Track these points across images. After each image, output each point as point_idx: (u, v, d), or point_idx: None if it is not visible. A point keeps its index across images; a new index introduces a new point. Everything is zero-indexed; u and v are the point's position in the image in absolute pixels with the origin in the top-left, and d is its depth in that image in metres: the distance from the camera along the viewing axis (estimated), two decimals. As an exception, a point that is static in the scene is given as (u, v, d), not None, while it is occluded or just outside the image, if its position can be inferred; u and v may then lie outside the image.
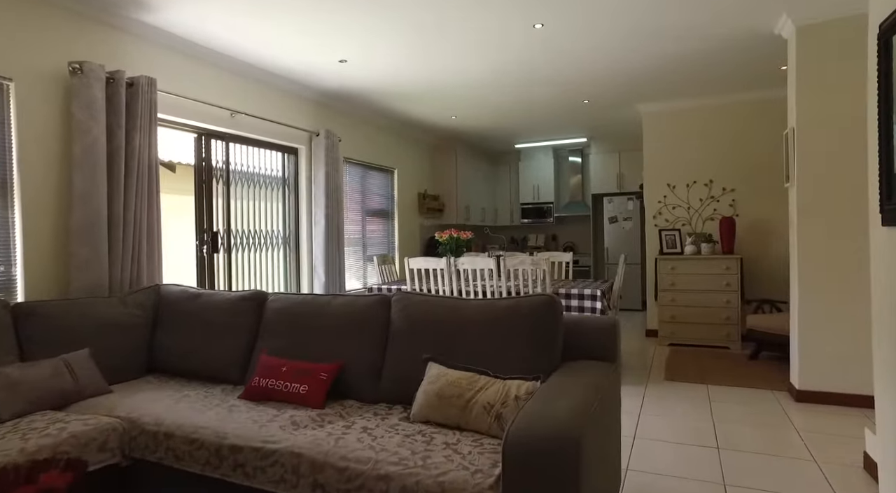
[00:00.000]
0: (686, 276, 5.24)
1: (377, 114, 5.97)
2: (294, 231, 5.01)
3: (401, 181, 6.68)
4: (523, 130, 7.10)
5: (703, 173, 5.59)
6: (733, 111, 5.45)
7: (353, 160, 5.77)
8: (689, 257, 5.24)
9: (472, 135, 7.34)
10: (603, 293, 3.92)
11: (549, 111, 5.99)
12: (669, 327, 5.32)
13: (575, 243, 8.71)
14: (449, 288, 4.32)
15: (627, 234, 7.86)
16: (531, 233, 9.02)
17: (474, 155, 8.20)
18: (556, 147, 8.43)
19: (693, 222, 5.63)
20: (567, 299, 4.02)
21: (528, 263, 4.01)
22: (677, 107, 5.66)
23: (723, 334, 5.10)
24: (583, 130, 7.09)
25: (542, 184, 8.55)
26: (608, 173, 8.04)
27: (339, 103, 5.38)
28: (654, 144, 5.82)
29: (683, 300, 5.26)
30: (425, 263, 4.40)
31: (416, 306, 2.33)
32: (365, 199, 6.10)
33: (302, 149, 5.00)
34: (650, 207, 5.83)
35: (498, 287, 4.14)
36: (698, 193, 5.61)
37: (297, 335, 2.51)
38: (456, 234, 4.82)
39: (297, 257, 5.02)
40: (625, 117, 6.31)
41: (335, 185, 5.10)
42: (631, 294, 7.76)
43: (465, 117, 6.28)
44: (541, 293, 2.16)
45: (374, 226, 6.31)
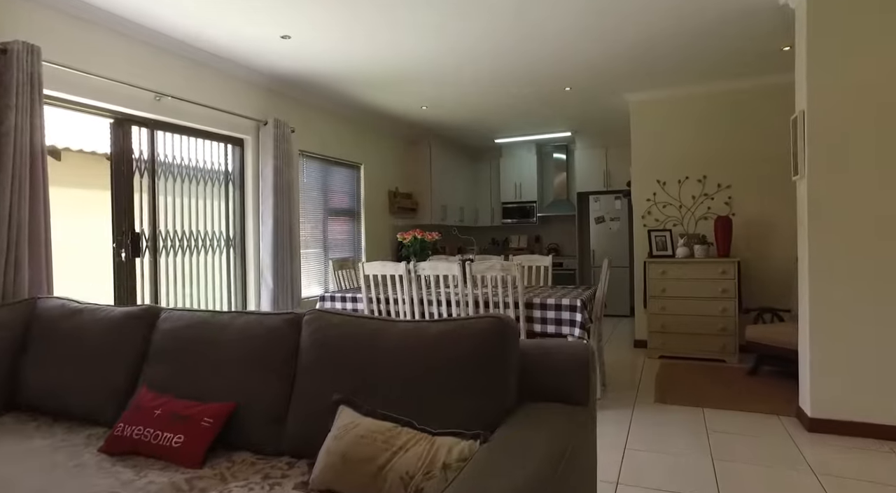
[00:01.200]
0: (678, 281, 4.74)
1: (338, 103, 5.42)
2: (240, 232, 4.45)
3: (368, 178, 6.13)
4: (503, 124, 6.59)
5: (695, 168, 5.10)
6: (729, 99, 4.96)
7: (311, 154, 5.22)
8: (682, 260, 4.74)
9: (448, 128, 6.81)
10: (583, 303, 3.40)
11: (529, 101, 5.48)
12: (660, 337, 4.82)
13: (559, 245, 8.20)
14: (408, 296, 3.79)
15: (615, 235, 7.37)
16: (513, 234, 8.50)
17: (451, 151, 7.67)
18: (539, 142, 7.92)
19: (685, 222, 5.14)
20: (542, 310, 3.50)
21: (498, 268, 3.49)
22: (667, 95, 5.17)
23: (718, 345, 4.60)
24: (567, 123, 6.58)
25: (524, 182, 8.04)
26: (594, 170, 7.55)
27: (292, 90, 4.83)
28: (642, 136, 5.32)
29: (675, 308, 4.75)
30: (382, 268, 3.86)
31: (331, 328, 1.79)
32: (327, 197, 5.55)
33: (248, 140, 4.45)
34: (639, 205, 5.34)
35: (464, 295, 3.61)
36: (691, 190, 5.12)
37: (187, 365, 1.96)
38: (420, 235, 4.29)
39: (244, 261, 4.46)
40: (611, 108, 5.81)
41: (287, 180, 4.55)
42: (618, 299, 7.27)
43: (438, 108, 5.75)
44: (487, 315, 1.62)
45: (338, 227, 5.76)
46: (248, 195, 4.46)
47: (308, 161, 5.23)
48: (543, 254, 8.02)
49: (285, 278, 4.51)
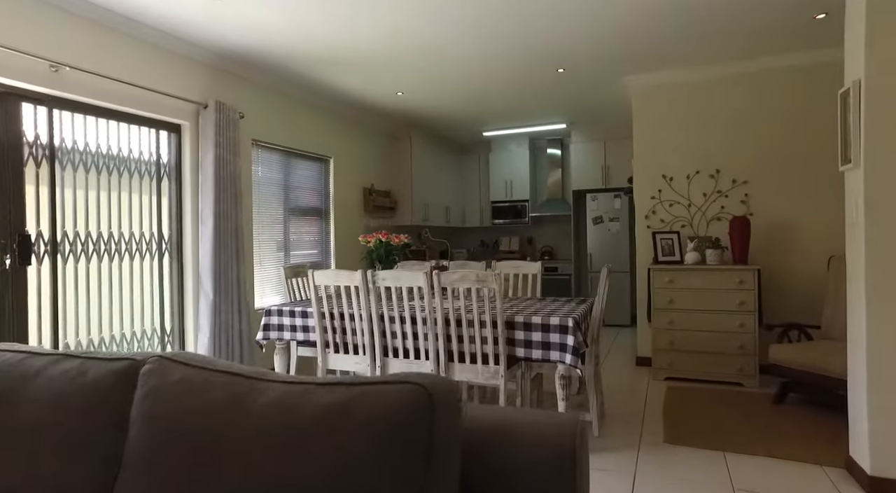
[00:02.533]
0: (688, 291, 4.09)
1: (300, 87, 4.76)
2: (177, 233, 3.79)
3: (339, 173, 5.48)
4: (491, 114, 5.94)
5: (707, 162, 4.46)
6: (746, 82, 4.31)
7: (268, 144, 4.56)
8: (692, 267, 4.09)
9: (430, 119, 6.16)
10: (577, 323, 2.75)
11: (518, 87, 4.83)
12: (667, 356, 4.17)
13: (553, 248, 7.56)
14: (366, 312, 3.13)
15: (614, 237, 6.73)
16: (504, 236, 7.85)
17: (435, 144, 7.02)
18: (531, 136, 7.28)
19: (695, 223, 4.49)
20: (526, 331, 2.85)
21: (473, 279, 2.84)
22: (673, 79, 4.52)
23: (735, 367, 3.96)
24: (561, 113, 5.94)
25: (515, 179, 7.39)
26: (592, 166, 6.90)
27: (243, 69, 4.17)
28: (645, 126, 4.68)
29: (684, 323, 4.11)
30: (334, 277, 3.21)
31: (167, 394, 1.13)
32: (288, 193, 4.89)
33: (186, 125, 3.79)
34: (642, 204, 4.69)
35: (432, 311, 2.96)
36: (701, 187, 4.48)
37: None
38: (384, 237, 3.63)
39: (181, 267, 3.80)
40: (610, 95, 5.17)
41: (232, 172, 3.89)
42: (618, 308, 6.62)
43: (415, 95, 5.10)
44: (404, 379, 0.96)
45: (304, 227, 5.11)
46: (186, 190, 3.80)
47: (264, 152, 4.57)
48: (536, 258, 7.38)
49: (229, 285, 3.85)
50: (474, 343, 2.92)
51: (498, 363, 2.87)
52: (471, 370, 2.95)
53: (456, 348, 2.96)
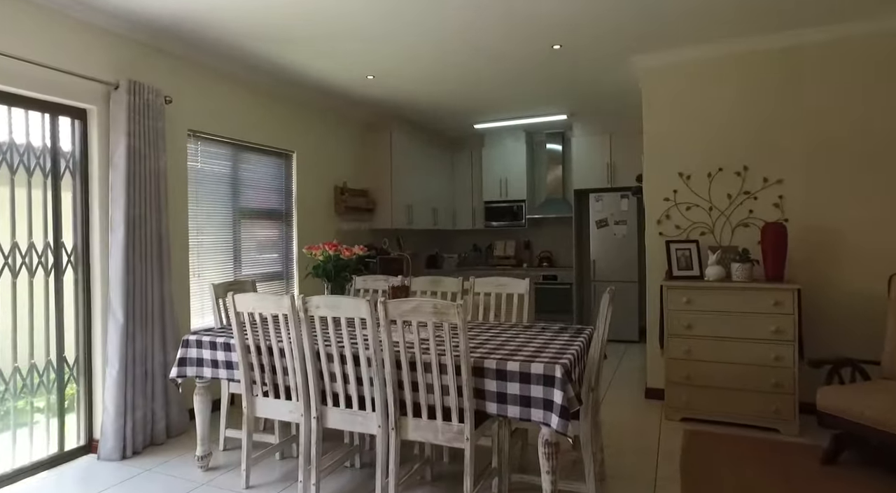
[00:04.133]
0: (709, 314, 3.36)
1: (248, 68, 4.05)
2: (83, 243, 3.10)
3: (304, 170, 4.78)
4: (481, 103, 5.21)
5: (732, 157, 3.72)
6: (784, 59, 3.56)
7: (210, 136, 3.87)
8: (714, 284, 3.36)
9: (411, 108, 5.44)
10: (567, 371, 2.03)
11: (507, 68, 4.10)
12: (684, 391, 3.44)
13: (553, 253, 6.82)
14: (298, 349, 2.43)
15: (621, 243, 5.98)
16: (498, 239, 7.12)
17: (419, 138, 6.30)
18: (529, 129, 6.54)
19: (718, 231, 3.76)
20: (500, 381, 2.13)
21: (429, 310, 2.12)
22: (691, 57, 3.78)
23: (769, 408, 3.22)
24: (561, 101, 5.20)
25: (511, 177, 6.66)
26: (596, 162, 6.16)
27: (169, 43, 3.46)
28: (658, 114, 3.94)
29: (705, 352, 3.37)
30: (258, 303, 2.50)
31: None
32: (239, 194, 4.20)
33: (92, 110, 3.09)
34: (653, 207, 3.96)
35: (378, 349, 2.26)
36: (725, 187, 3.74)
37: None
38: (332, 249, 2.92)
39: (88, 284, 3.11)
40: (616, 78, 4.43)
41: (153, 169, 3.20)
42: (624, 322, 5.88)
43: (388, 77, 4.38)
44: None
45: (259, 233, 4.41)
46: (94, 190, 3.10)
47: (207, 146, 3.87)
48: (534, 264, 6.67)
49: (148, 306, 3.15)
50: (433, 393, 2.21)
51: (463, 421, 2.16)
52: (428, 428, 2.24)
53: (410, 397, 2.26)
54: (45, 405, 2.92)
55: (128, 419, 3.01)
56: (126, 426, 3.00)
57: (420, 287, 3.45)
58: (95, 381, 3.09)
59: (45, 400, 2.93)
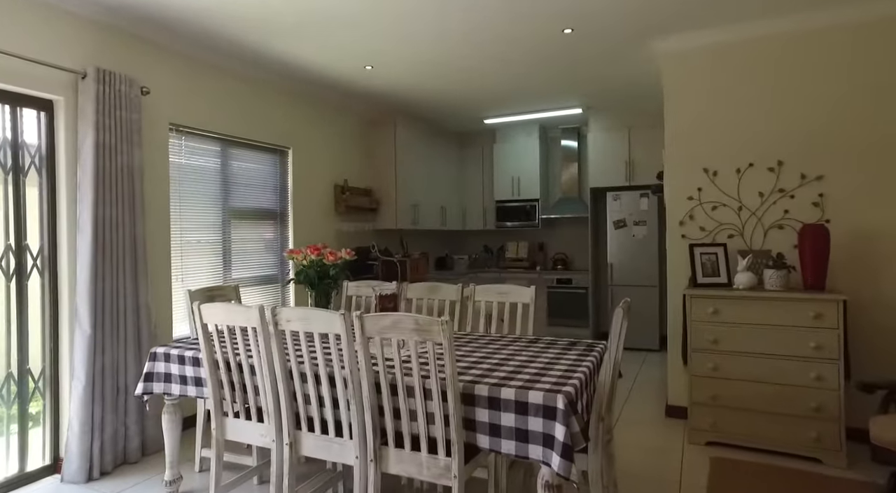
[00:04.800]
0: (739, 327, 2.99)
1: (236, 57, 3.79)
2: (50, 245, 2.87)
3: (301, 167, 4.51)
4: (490, 96, 4.89)
5: (765, 150, 3.34)
6: (830, 39, 3.18)
7: (196, 131, 3.62)
8: (745, 293, 2.99)
9: (416, 102, 5.14)
10: (570, 402, 1.71)
11: (516, 55, 3.78)
12: (709, 413, 3.08)
13: (568, 256, 6.46)
14: (268, 366, 2.15)
15: (640, 244, 5.60)
16: (511, 240, 6.79)
17: (426, 133, 6.00)
18: (542, 124, 6.20)
19: (749, 233, 3.38)
20: (492, 410, 1.81)
21: (410, 326, 1.82)
22: (721, 38, 3.41)
23: (809, 436, 2.84)
24: (575, 93, 4.86)
25: (524, 175, 6.32)
26: (613, 159, 5.79)
27: (146, 29, 3.21)
28: (680, 103, 3.58)
29: (734, 370, 3.01)
30: (226, 314, 2.23)
31: None
32: (230, 193, 3.95)
33: (59, 101, 2.86)
34: (675, 206, 3.60)
35: (354, 369, 1.96)
36: (757, 184, 3.36)
37: None
38: (315, 253, 2.64)
39: (55, 291, 2.87)
40: (634, 66, 4.07)
41: (126, 165, 2.95)
42: (644, 330, 5.51)
43: (388, 68, 4.09)
44: None
45: (251, 234, 4.16)
46: (61, 188, 2.87)
47: (192, 141, 3.63)
48: (548, 267, 6.33)
49: (120, 315, 2.91)
50: (416, 421, 1.91)
51: (450, 455, 1.85)
52: (412, 461, 1.94)
53: (391, 425, 1.96)
54: (5, 421, 2.69)
55: (95, 437, 2.76)
56: (93, 444, 2.75)
57: (416, 294, 3.15)
58: (62, 395, 2.85)
59: (5, 415, 2.70)
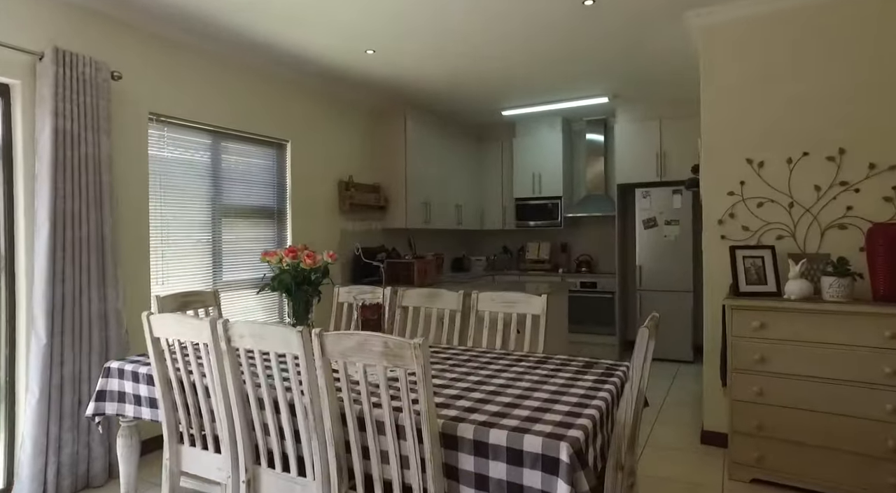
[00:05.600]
0: (791, 345, 2.53)
1: (225, 41, 3.48)
2: (7, 244, 2.60)
3: (301, 162, 4.20)
4: (507, 84, 4.49)
5: (823, 136, 2.86)
6: None
7: (181, 121, 3.33)
8: (799, 305, 2.53)
9: (427, 92, 4.78)
10: (578, 450, 1.32)
11: (533, 34, 3.37)
12: (755, 445, 2.62)
13: (593, 257, 6.00)
14: (222, 389, 1.82)
15: (673, 246, 5.12)
16: (531, 241, 6.36)
17: (438, 126, 5.63)
18: (566, 116, 5.76)
19: (802, 234, 2.90)
20: (479, 457, 1.43)
21: (378, 349, 1.45)
22: (771, 7, 2.94)
23: (883, 480, 2.36)
24: (600, 80, 4.41)
25: (546, 170, 5.88)
26: (643, 153, 5.31)
27: (121, 9, 2.92)
28: (721, 83, 3.11)
29: (785, 396, 2.55)
30: (178, 327, 1.90)
31: None
32: (220, 188, 3.66)
33: (16, 85, 2.59)
34: (713, 203, 3.14)
35: (316, 397, 1.60)
36: (812, 176, 2.88)
37: None
38: (292, 256, 2.30)
39: (12, 294, 2.61)
40: (666, 45, 3.62)
41: (92, 156, 2.67)
42: (678, 338, 5.02)
43: (391, 52, 3.73)
44: None
45: (245, 233, 3.86)
46: (18, 181, 2.60)
47: (175, 132, 3.34)
48: (571, 270, 5.89)
49: (83, 323, 2.62)
50: (388, 463, 1.54)
51: (429, 508, 1.48)
52: (384, 513, 1.57)
53: (360, 465, 1.59)
54: (-47, 440, 2.44)
55: (51, 458, 2.48)
56: (48, 466, 2.48)
57: (413, 302, 2.79)
58: (19, 410, 2.59)
59: (-46, 434, 2.44)
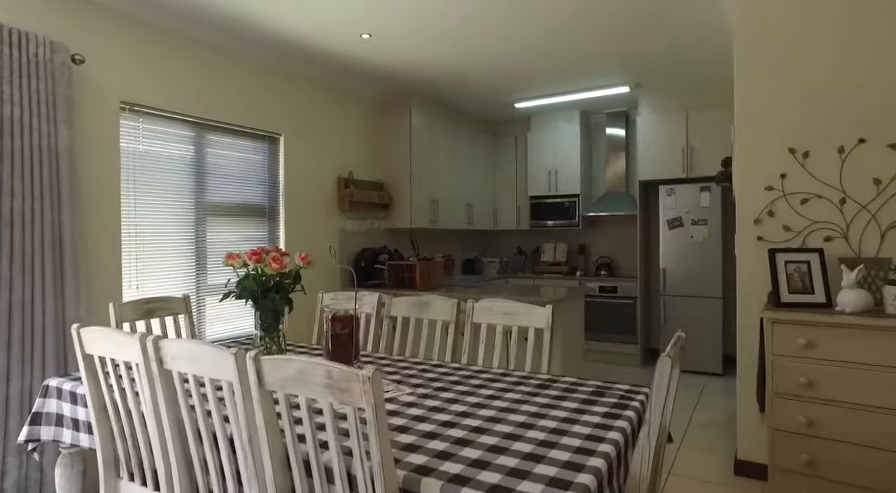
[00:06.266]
0: (846, 367, 2.14)
1: (207, 24, 3.20)
2: (-42, 246, 2.36)
3: (295, 156, 3.91)
4: (518, 72, 4.14)
5: (885, 120, 2.45)
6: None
7: (159, 111, 3.07)
8: (856, 319, 2.13)
9: (433, 82, 4.45)
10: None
11: (542, 10, 3.02)
12: (802, 485, 2.23)
13: (613, 260, 5.60)
14: (155, 418, 1.52)
15: (700, 248, 4.70)
16: (547, 242, 5.99)
17: (447, 119, 5.30)
18: (584, 108, 5.38)
19: (856, 235, 2.50)
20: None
21: (320, 380, 1.13)
22: (817, -26, 2.55)
23: (956, 531, 1.96)
24: (621, 66, 4.03)
25: (562, 167, 5.51)
26: (668, 147, 4.90)
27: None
28: (759, 62, 2.72)
29: (839, 427, 2.15)
30: (108, 343, 1.62)
31: None
32: (205, 184, 3.40)
33: (-35, 70, 2.34)
34: (748, 199, 2.74)
35: (255, 438, 1.29)
36: (870, 167, 2.47)
37: None
38: (256, 260, 1.99)
39: (-37, 300, 2.36)
40: (693, 20, 3.23)
41: (44, 147, 2.42)
42: (706, 348, 4.61)
43: (390, 37, 3.42)
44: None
45: (233, 233, 3.60)
46: (-33, 176, 2.36)
47: (152, 123, 3.08)
48: (590, 273, 5.51)
49: (34, 335, 2.36)
50: (341, 524, 1.22)
51: None
52: None
53: (311, 522, 1.28)
54: None
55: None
56: (-8, 493, 2.23)
57: (402, 311, 2.46)
58: (-35, 428, 2.34)
59: None
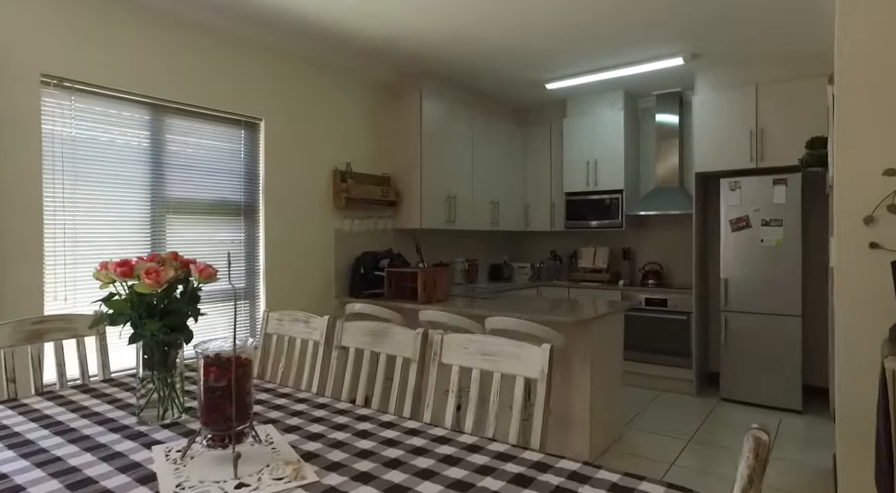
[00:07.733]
0: None
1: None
2: None
3: (279, 145, 3.35)
4: (551, 42, 3.42)
5: None
6: None
7: (99, 89, 2.56)
8: None
9: (445, 58, 3.79)
10: None
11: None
12: None
13: (663, 267, 4.77)
14: None
15: (773, 255, 3.82)
16: (585, 245, 5.21)
17: (464, 104, 4.62)
18: (629, 90, 4.59)
19: None
20: None
21: None
22: None
23: None
24: (674, 30, 3.25)
25: (603, 158, 4.74)
26: (731, 131, 4.05)
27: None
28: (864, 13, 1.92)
29: None
30: None
31: None
32: (164, 176, 2.88)
33: None
34: (853, 193, 1.94)
35: None
36: None
37: None
38: (122, 274, 1.39)
39: None
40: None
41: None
42: (780, 377, 3.74)
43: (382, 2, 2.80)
44: None
45: (201, 234, 3.07)
46: None
47: (91, 102, 2.57)
48: (637, 282, 4.72)
49: None
50: None
51: None
52: None
53: None
54: None
55: None
56: None
57: (355, 341, 1.82)
58: None
59: None
